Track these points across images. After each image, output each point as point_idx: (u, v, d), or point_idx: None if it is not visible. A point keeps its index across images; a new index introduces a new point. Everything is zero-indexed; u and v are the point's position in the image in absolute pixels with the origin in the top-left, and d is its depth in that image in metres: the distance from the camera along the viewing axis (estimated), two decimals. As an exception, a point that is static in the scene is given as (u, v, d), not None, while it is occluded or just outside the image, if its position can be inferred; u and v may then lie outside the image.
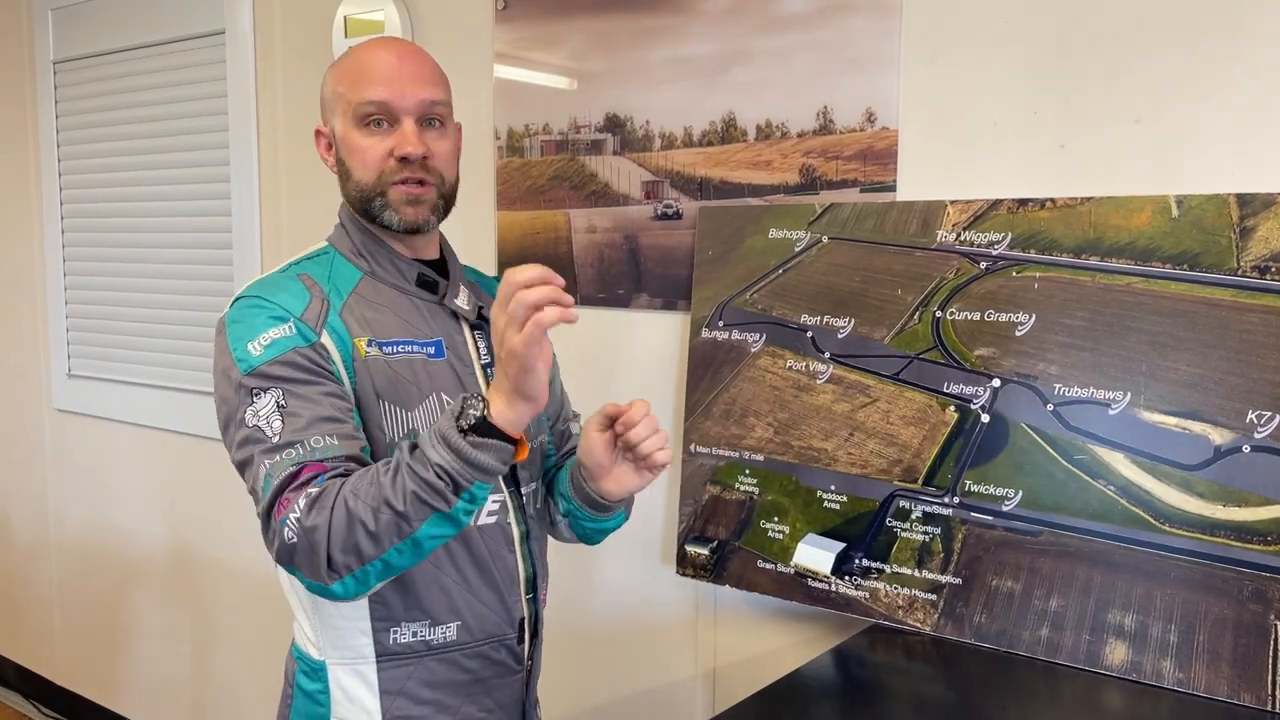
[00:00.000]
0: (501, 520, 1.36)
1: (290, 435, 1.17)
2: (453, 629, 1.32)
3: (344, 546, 1.11)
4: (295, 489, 1.14)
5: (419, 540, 1.13)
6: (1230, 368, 1.39)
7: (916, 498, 1.62)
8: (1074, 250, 1.52)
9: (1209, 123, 1.44)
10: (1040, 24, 1.56)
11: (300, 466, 1.15)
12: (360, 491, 1.12)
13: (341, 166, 1.35)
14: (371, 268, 1.35)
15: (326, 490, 1.13)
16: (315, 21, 2.48)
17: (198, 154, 2.81)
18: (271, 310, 1.25)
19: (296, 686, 1.36)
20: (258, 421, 1.18)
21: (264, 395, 1.19)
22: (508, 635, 1.37)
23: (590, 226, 2.06)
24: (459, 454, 1.09)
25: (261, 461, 1.17)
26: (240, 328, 1.24)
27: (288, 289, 1.29)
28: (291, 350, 1.22)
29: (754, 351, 1.80)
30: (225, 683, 2.94)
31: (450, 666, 1.33)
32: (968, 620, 1.55)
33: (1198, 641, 1.39)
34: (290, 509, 1.12)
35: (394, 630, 1.30)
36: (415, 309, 1.35)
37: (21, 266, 3.38)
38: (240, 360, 1.21)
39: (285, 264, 1.36)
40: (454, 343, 1.35)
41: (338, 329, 1.27)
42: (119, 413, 3.10)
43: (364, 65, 1.31)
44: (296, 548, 1.12)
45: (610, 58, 2.01)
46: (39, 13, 3.17)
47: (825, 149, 1.76)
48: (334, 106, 1.34)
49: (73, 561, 3.34)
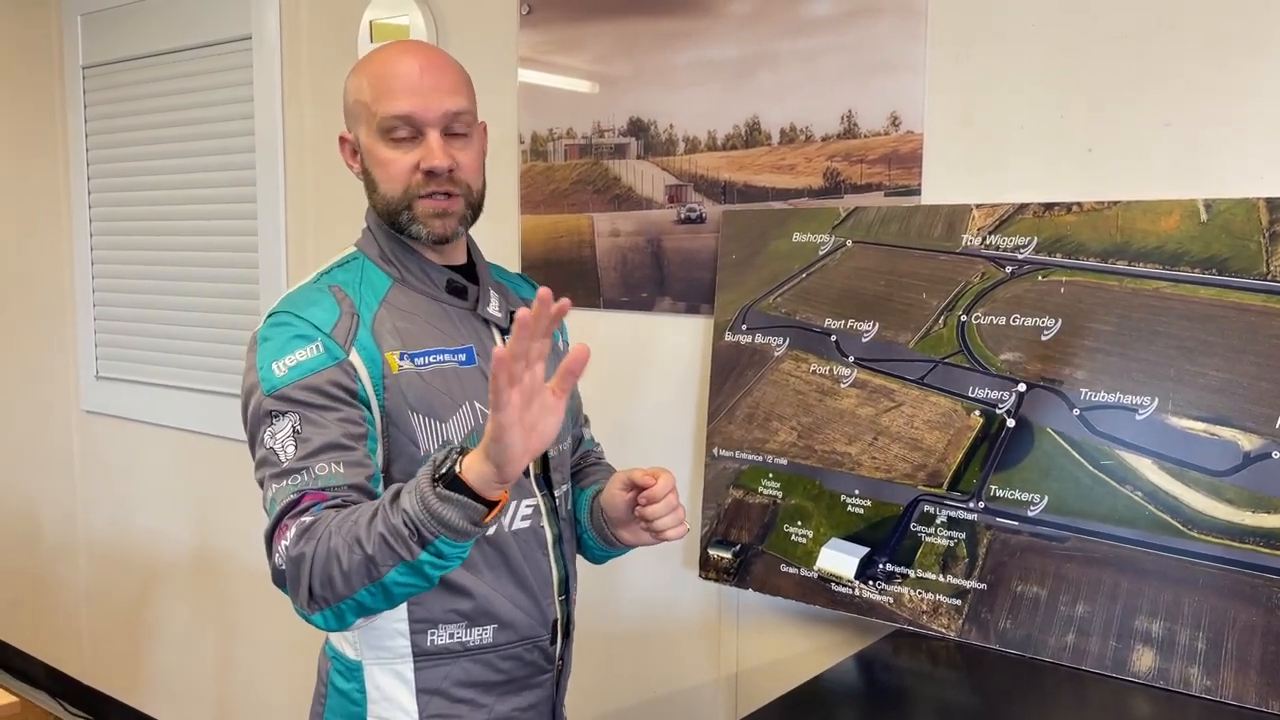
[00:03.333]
0: (535, 524, 1.37)
1: (297, 461, 1.17)
2: (489, 631, 1.33)
3: (321, 581, 1.12)
4: (293, 516, 1.15)
5: (387, 586, 1.10)
6: (1260, 373, 1.38)
7: (941, 502, 1.61)
8: (1101, 254, 1.51)
9: (1238, 126, 1.43)
10: (1067, 26, 1.55)
11: (302, 494, 1.16)
12: (344, 528, 1.11)
13: (367, 176, 1.35)
14: (401, 274, 1.35)
15: (318, 521, 1.13)
16: (341, 26, 2.50)
17: (224, 158, 2.83)
18: (300, 328, 1.25)
19: (331, 685, 1.37)
20: (273, 444, 1.19)
21: (282, 419, 1.20)
22: (541, 636, 1.38)
23: (614, 230, 2.06)
24: (425, 504, 1.06)
25: (270, 485, 1.18)
26: (269, 346, 1.25)
27: (319, 303, 1.29)
28: (314, 373, 1.22)
29: (777, 355, 1.80)
30: (250, 683, 2.96)
31: (485, 667, 1.34)
32: (993, 626, 1.55)
33: (1226, 648, 1.37)
34: (284, 536, 1.14)
35: (431, 632, 1.31)
36: (445, 316, 1.35)
37: (50, 269, 3.42)
38: (264, 380, 1.22)
39: (317, 273, 1.36)
40: (484, 349, 1.36)
41: (367, 345, 1.27)
42: (146, 414, 3.13)
43: (387, 76, 1.30)
44: (285, 575, 1.14)
45: (634, 61, 2.01)
46: (68, 18, 3.21)
47: (849, 153, 1.76)
48: (358, 116, 1.34)
49: (100, 562, 3.37)
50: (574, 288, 2.10)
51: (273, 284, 2.71)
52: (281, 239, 2.68)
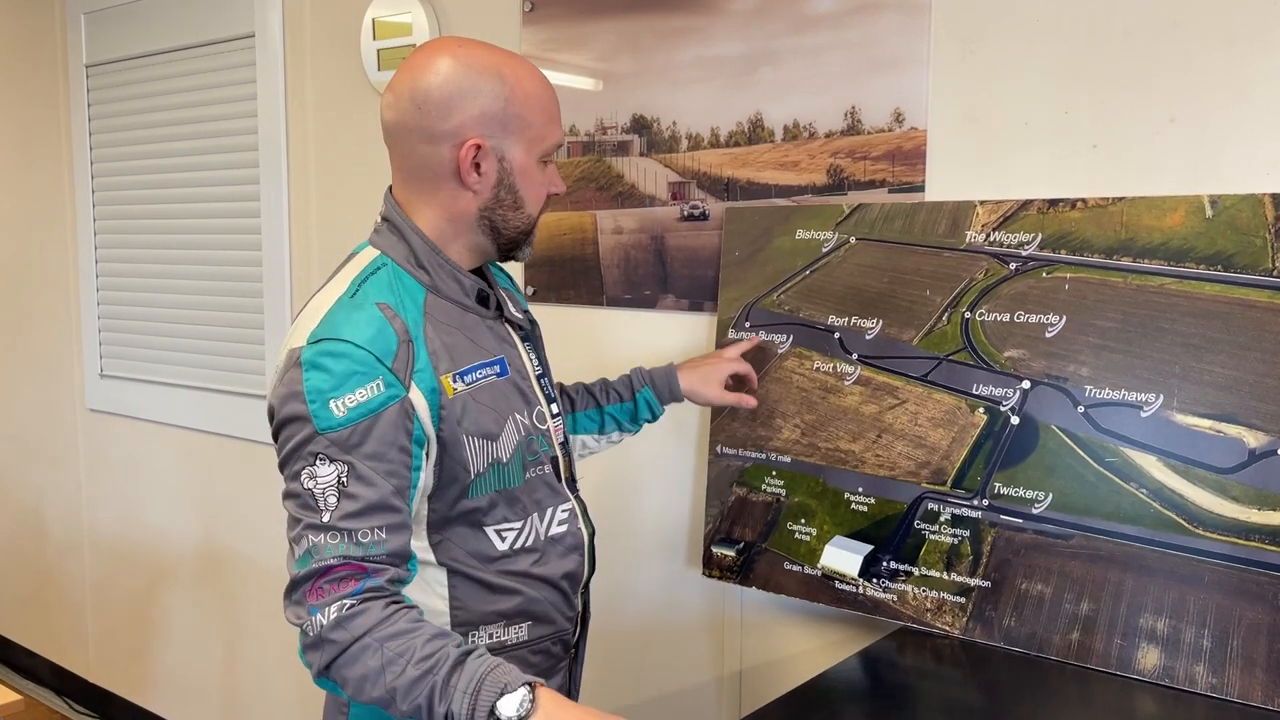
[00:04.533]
0: (573, 527, 1.40)
1: (341, 520, 1.16)
2: (524, 629, 1.35)
3: (342, 676, 1.14)
4: (331, 582, 1.15)
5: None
6: (1266, 370, 1.37)
7: (945, 500, 1.61)
8: (1105, 251, 1.50)
9: (1244, 122, 1.42)
10: (1072, 21, 1.54)
11: (342, 561, 1.15)
12: (385, 651, 1.12)
13: (510, 194, 1.30)
14: (433, 282, 1.30)
15: (364, 614, 1.14)
16: (343, 24, 2.50)
17: (227, 156, 2.83)
18: (358, 361, 1.18)
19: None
20: (314, 487, 1.17)
21: (329, 464, 1.17)
22: (565, 630, 1.41)
23: (617, 228, 2.06)
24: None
25: (306, 534, 1.17)
26: (323, 377, 1.18)
27: (372, 325, 1.21)
28: (375, 415, 1.18)
29: (781, 353, 1.80)
30: (256, 681, 2.96)
31: (518, 663, 1.34)
32: (997, 623, 1.54)
33: (1232, 646, 1.37)
34: (323, 602, 1.14)
35: (473, 635, 1.32)
36: (476, 326, 1.32)
37: (55, 267, 3.43)
38: (318, 416, 1.17)
39: (350, 285, 1.27)
40: (511, 357, 1.35)
41: (425, 375, 1.23)
42: (150, 412, 3.13)
43: (548, 99, 1.31)
44: (308, 638, 1.15)
45: (637, 59, 2.01)
46: (72, 17, 3.21)
47: (853, 149, 1.76)
48: (514, 129, 1.28)
49: (105, 560, 3.38)
50: (577, 285, 2.10)
51: (276, 281, 2.71)
52: (285, 236, 2.68)
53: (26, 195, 3.51)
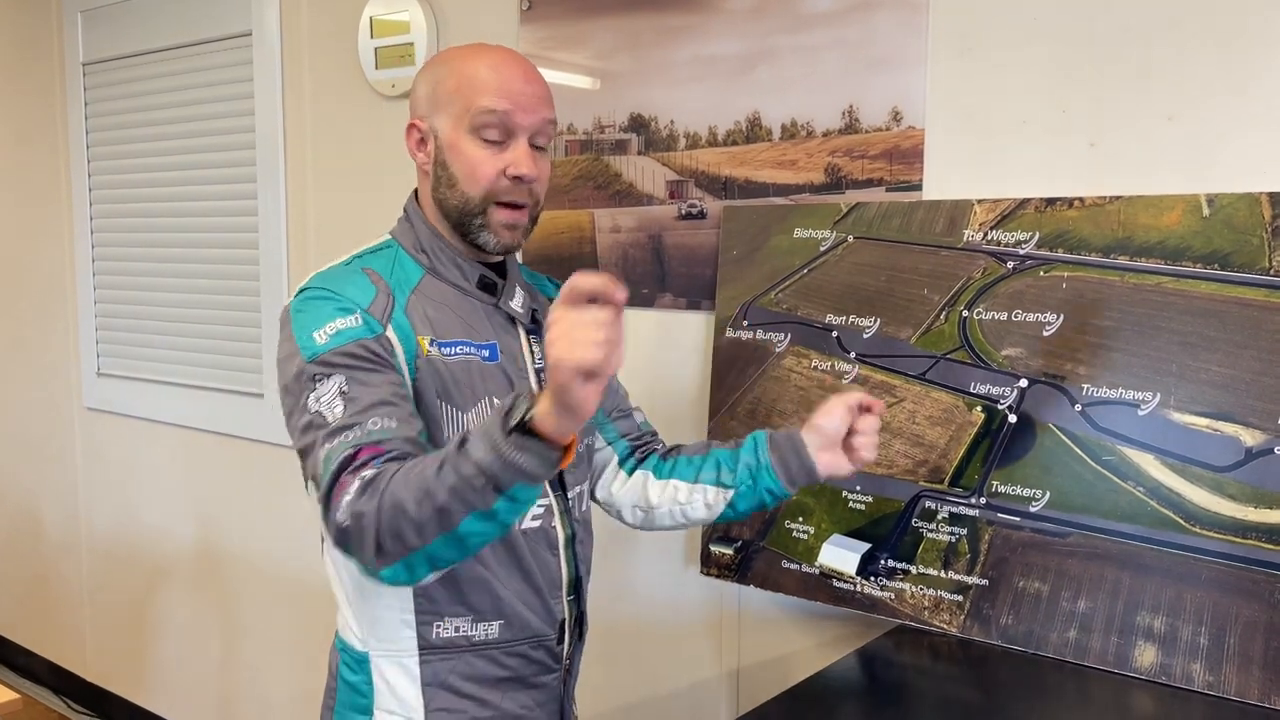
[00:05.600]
0: (546, 524, 1.36)
1: (349, 418, 1.16)
2: (495, 627, 1.33)
3: (391, 533, 1.09)
4: (352, 472, 1.12)
5: (461, 536, 1.09)
6: (1262, 368, 1.38)
7: (943, 498, 1.61)
8: (1103, 250, 1.50)
9: (1241, 121, 1.42)
10: (1070, 20, 1.54)
11: (357, 449, 1.13)
12: (409, 480, 1.09)
13: (443, 170, 1.32)
14: (432, 264, 1.34)
15: (380, 475, 1.11)
16: (341, 22, 2.49)
17: (225, 154, 2.83)
18: (338, 302, 1.24)
19: (341, 679, 1.38)
20: (319, 407, 1.18)
21: (327, 381, 1.19)
22: (547, 636, 1.38)
23: (615, 226, 2.06)
24: (500, 454, 1.04)
25: (322, 445, 1.16)
26: (305, 317, 1.24)
27: (354, 282, 1.28)
28: (355, 341, 1.21)
29: (779, 351, 1.80)
30: (253, 679, 2.96)
31: (490, 663, 1.34)
32: (994, 621, 1.54)
33: (1229, 644, 1.37)
34: (345, 492, 1.11)
35: (437, 624, 1.31)
36: (473, 310, 1.35)
37: (52, 266, 3.42)
38: (305, 348, 1.21)
39: (349, 256, 1.35)
40: (508, 346, 1.36)
41: (402, 325, 1.27)
42: (148, 411, 3.13)
43: (486, 72, 1.29)
44: (349, 532, 1.11)
45: (635, 57, 2.01)
46: (69, 15, 3.20)
47: (851, 148, 1.76)
48: (441, 105, 1.31)
49: (103, 559, 3.38)
50: (575, 284, 2.10)
51: (274, 279, 2.71)
52: (282, 234, 2.68)
53: (23, 193, 3.50)
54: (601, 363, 0.98)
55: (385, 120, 2.43)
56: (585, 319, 0.98)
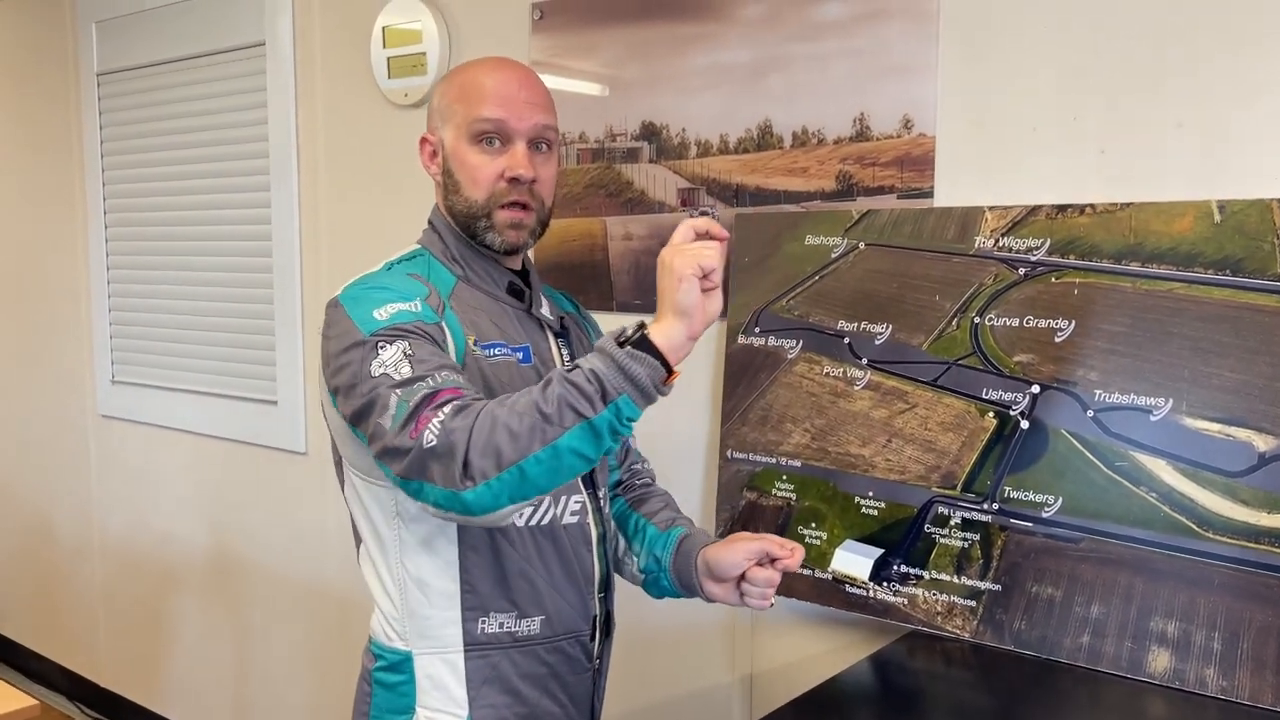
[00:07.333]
0: (583, 520, 1.41)
1: (419, 373, 1.18)
2: (536, 623, 1.36)
3: (484, 449, 1.10)
4: (434, 408, 1.14)
5: (559, 451, 1.11)
6: (1275, 374, 1.38)
7: (955, 504, 1.61)
8: (1114, 256, 1.51)
9: (1252, 127, 1.43)
10: (1080, 27, 1.55)
11: (436, 390, 1.16)
12: (507, 402, 1.13)
13: (449, 178, 1.38)
14: (466, 273, 1.39)
15: (473, 404, 1.14)
16: (354, 32, 2.51)
17: (238, 164, 2.85)
18: (395, 292, 1.28)
19: (376, 683, 1.39)
20: (385, 370, 1.19)
21: (390, 346, 1.20)
22: (583, 631, 1.41)
23: (626, 234, 2.07)
24: (613, 360, 1.12)
25: (392, 393, 1.17)
26: (362, 303, 1.26)
27: (403, 280, 1.32)
28: (415, 321, 1.24)
29: (790, 358, 1.81)
30: (267, 686, 2.97)
31: (532, 659, 1.37)
32: (1007, 627, 1.55)
33: (1242, 649, 1.37)
34: (432, 419, 1.13)
35: (483, 620, 1.33)
36: (505, 315, 1.39)
37: (66, 274, 3.45)
38: (364, 324, 1.23)
39: (383, 264, 1.38)
40: (540, 349, 1.40)
41: (451, 321, 1.30)
42: (162, 418, 3.15)
43: (483, 83, 1.35)
44: (435, 451, 1.11)
45: (646, 65, 2.02)
46: (83, 26, 3.23)
47: (862, 155, 1.76)
48: (446, 118, 1.37)
49: (116, 565, 3.39)
50: (587, 291, 2.11)
51: (287, 287, 2.72)
52: (295, 243, 2.70)
53: (38, 203, 3.52)
54: (716, 262, 1.14)
55: (397, 129, 2.45)
56: (698, 244, 1.16)
